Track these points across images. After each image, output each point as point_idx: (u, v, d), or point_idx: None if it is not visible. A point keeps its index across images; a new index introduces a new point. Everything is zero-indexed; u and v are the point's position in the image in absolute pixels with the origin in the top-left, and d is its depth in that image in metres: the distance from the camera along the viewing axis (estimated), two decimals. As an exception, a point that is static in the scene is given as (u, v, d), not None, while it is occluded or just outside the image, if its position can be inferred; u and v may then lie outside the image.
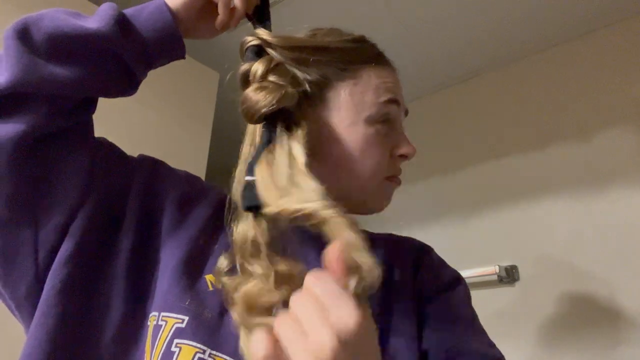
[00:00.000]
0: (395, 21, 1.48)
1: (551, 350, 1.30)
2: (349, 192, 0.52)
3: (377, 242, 0.58)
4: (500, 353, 0.50)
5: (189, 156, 1.35)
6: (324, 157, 0.51)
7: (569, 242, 1.36)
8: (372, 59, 0.55)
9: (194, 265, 0.46)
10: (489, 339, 0.52)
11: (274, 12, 0.53)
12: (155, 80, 1.33)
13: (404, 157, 0.55)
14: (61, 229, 0.43)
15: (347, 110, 0.51)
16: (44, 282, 0.42)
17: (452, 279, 0.57)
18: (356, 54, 0.54)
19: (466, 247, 1.55)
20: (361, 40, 0.56)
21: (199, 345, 0.40)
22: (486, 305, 1.46)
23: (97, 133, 0.51)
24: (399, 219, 1.74)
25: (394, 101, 0.54)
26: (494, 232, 1.52)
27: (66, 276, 0.42)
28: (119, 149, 0.53)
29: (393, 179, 0.55)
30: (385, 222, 1.72)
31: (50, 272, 0.42)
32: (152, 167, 0.53)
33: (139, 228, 0.47)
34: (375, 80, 0.53)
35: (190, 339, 0.40)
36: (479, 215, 1.57)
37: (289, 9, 1.38)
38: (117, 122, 1.22)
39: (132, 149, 0.55)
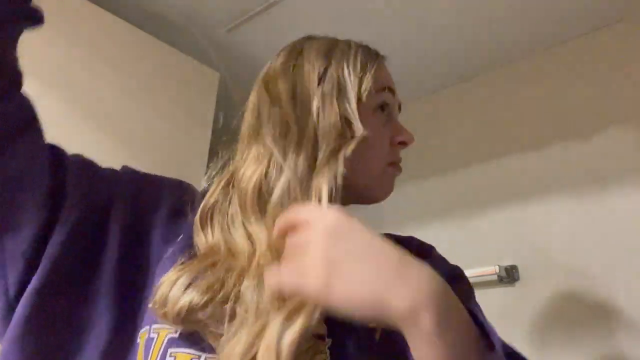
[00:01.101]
0: (395, 21, 1.48)
1: (551, 350, 1.30)
2: (356, 179, 0.52)
3: None
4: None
5: (188, 156, 1.35)
6: None
7: (569, 242, 1.36)
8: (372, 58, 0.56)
9: None
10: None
11: (274, 12, 0.53)
12: (155, 80, 1.34)
13: (403, 144, 0.57)
14: (30, 251, 0.41)
15: None
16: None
17: (454, 275, 0.57)
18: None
19: (466, 247, 1.55)
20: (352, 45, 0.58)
21: (193, 351, 0.40)
22: (486, 305, 1.46)
23: (97, 134, 0.51)
24: (399, 218, 1.74)
25: (389, 89, 0.56)
26: (494, 232, 1.52)
27: (40, 303, 0.40)
28: (90, 161, 0.50)
29: (395, 166, 0.57)
30: (385, 222, 1.73)
31: (22, 299, 0.40)
32: (138, 181, 0.51)
33: (124, 246, 0.46)
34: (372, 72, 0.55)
35: (185, 347, 0.40)
36: (479, 215, 1.57)
37: (289, 9, 1.38)
38: (117, 122, 1.22)
39: (131, 149, 0.55)
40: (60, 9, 1.14)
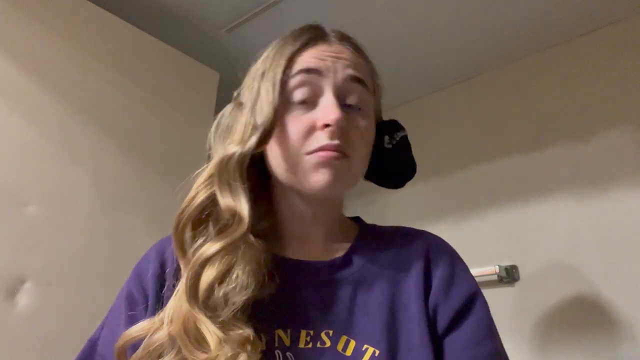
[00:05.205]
0: (394, 21, 1.48)
1: (551, 350, 1.30)
2: (285, 180, 0.52)
3: (385, 237, 0.61)
4: None
5: (188, 157, 1.34)
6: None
7: (569, 242, 1.36)
8: (299, 46, 0.53)
9: None
10: None
11: (274, 12, 0.53)
12: (155, 80, 1.34)
13: (325, 126, 0.49)
14: None
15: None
16: None
17: (469, 299, 0.56)
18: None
19: (466, 247, 1.54)
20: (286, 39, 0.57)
21: None
22: (486, 306, 1.46)
23: (96, 133, 0.50)
24: (400, 218, 1.74)
25: (305, 71, 0.51)
26: (494, 232, 1.52)
27: None
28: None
29: (319, 152, 0.49)
30: (387, 222, 1.73)
31: None
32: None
33: None
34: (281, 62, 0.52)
35: None
36: (479, 215, 1.57)
37: (289, 9, 1.38)
38: (116, 122, 1.22)
39: (130, 149, 0.55)
40: (60, 9, 1.14)
